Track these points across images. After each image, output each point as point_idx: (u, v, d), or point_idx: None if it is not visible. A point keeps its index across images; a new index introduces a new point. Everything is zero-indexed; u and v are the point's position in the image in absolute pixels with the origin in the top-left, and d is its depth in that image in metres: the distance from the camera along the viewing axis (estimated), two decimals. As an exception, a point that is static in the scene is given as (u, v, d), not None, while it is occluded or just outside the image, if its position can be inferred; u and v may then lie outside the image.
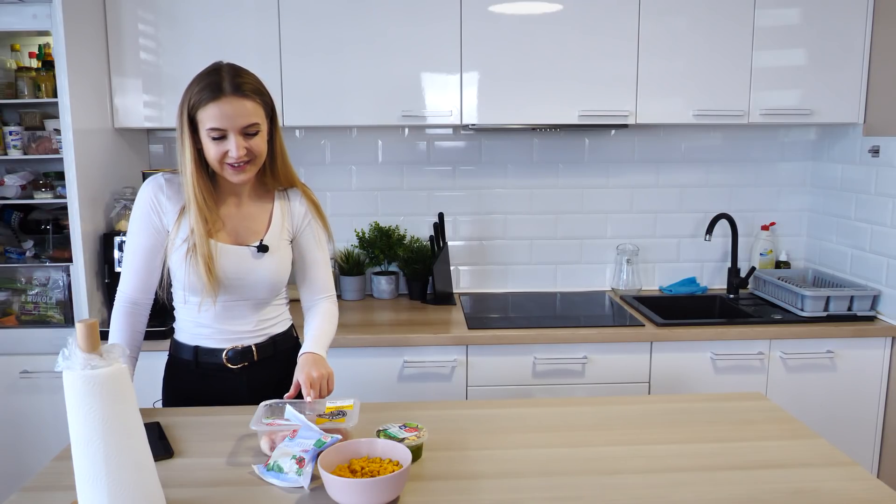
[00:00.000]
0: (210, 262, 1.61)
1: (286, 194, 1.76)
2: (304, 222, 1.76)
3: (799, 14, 2.64)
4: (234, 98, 1.54)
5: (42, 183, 2.52)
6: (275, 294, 1.77)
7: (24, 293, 2.55)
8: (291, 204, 1.75)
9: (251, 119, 1.57)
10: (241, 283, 1.68)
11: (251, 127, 1.57)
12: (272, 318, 1.79)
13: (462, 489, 1.35)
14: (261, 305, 1.75)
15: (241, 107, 1.55)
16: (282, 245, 1.73)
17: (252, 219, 1.71)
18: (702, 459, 1.46)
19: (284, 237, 1.74)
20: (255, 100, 1.58)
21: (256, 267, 1.69)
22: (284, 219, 1.74)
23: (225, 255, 1.65)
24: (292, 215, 1.75)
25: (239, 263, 1.67)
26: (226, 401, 1.76)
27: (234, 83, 1.56)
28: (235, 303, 1.71)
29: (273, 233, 1.72)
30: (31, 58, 2.62)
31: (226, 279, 1.66)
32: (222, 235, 1.67)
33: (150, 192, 1.67)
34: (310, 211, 1.77)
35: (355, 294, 2.95)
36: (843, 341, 2.54)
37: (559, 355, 2.48)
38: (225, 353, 1.73)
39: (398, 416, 1.66)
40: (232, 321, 1.72)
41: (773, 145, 3.05)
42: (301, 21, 2.56)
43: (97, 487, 1.13)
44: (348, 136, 2.98)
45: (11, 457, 2.52)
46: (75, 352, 1.14)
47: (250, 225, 1.71)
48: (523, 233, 3.06)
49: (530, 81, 2.62)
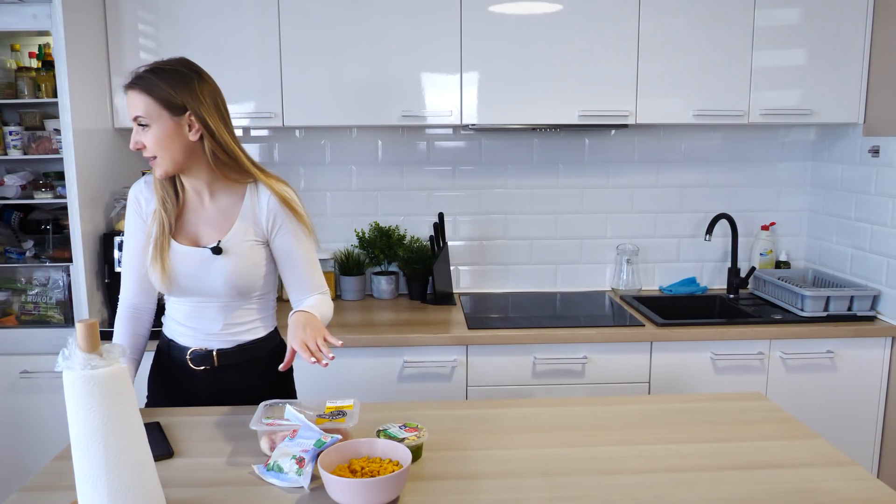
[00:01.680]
0: (164, 264, 1.63)
1: (256, 191, 1.69)
2: (275, 220, 1.68)
3: (799, 14, 2.64)
4: (128, 90, 1.57)
5: (42, 183, 2.52)
6: (241, 297, 1.71)
7: (24, 293, 2.55)
8: (259, 202, 1.68)
9: (136, 112, 1.56)
10: (198, 285, 1.67)
11: (138, 119, 1.57)
12: (242, 324, 1.74)
13: (462, 489, 1.35)
14: (229, 308, 1.71)
15: (130, 99, 1.57)
16: (243, 246, 1.67)
17: (218, 218, 1.68)
18: (702, 459, 1.46)
19: (250, 238, 1.68)
20: (144, 94, 1.55)
21: (211, 269, 1.65)
22: (250, 218, 1.68)
23: (180, 256, 1.65)
24: (258, 214, 1.68)
25: (193, 265, 1.65)
26: (189, 401, 1.77)
27: (134, 75, 1.57)
28: (202, 304, 1.70)
29: (235, 233, 1.67)
30: (31, 58, 2.62)
31: (181, 281, 1.66)
32: (182, 236, 1.67)
33: (133, 194, 1.72)
34: (281, 207, 1.68)
35: (355, 294, 2.95)
36: (843, 341, 2.54)
37: (559, 355, 2.48)
38: (189, 352, 1.73)
39: (398, 416, 1.66)
40: (201, 321, 1.72)
41: (773, 145, 3.05)
42: (301, 21, 2.56)
43: (97, 487, 1.13)
44: (348, 136, 2.98)
45: (11, 457, 2.52)
46: (75, 352, 1.14)
47: (215, 224, 1.68)
48: (523, 233, 3.06)
49: (530, 81, 2.62)
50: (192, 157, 1.61)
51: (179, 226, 1.68)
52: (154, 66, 1.59)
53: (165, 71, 1.57)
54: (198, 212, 1.69)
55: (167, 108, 1.56)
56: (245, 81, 2.59)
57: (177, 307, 1.74)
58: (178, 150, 1.59)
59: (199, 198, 1.69)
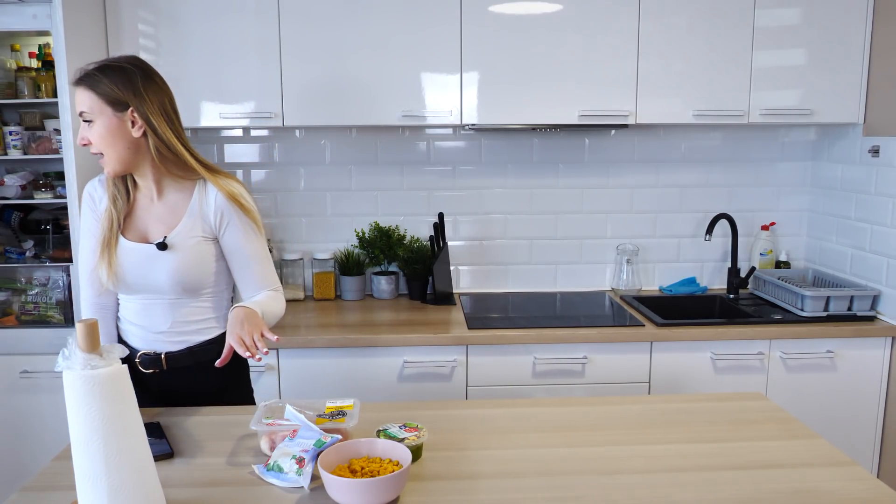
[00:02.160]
0: (110, 260, 1.64)
1: (205, 188, 1.69)
2: (223, 217, 1.68)
3: (799, 14, 2.64)
4: (75, 87, 1.60)
5: (42, 183, 2.52)
6: (190, 294, 1.70)
7: (24, 293, 2.55)
8: (206, 198, 1.68)
9: (81, 107, 1.60)
10: (144, 282, 1.67)
11: (83, 115, 1.60)
12: (192, 322, 1.73)
13: (462, 489, 1.35)
14: (177, 305, 1.70)
15: (76, 95, 1.60)
16: (190, 242, 1.67)
17: (166, 215, 1.69)
18: (702, 459, 1.46)
19: (197, 234, 1.68)
20: (88, 90, 1.58)
21: (157, 265, 1.65)
22: (197, 215, 1.68)
23: (126, 252, 1.66)
24: (206, 210, 1.68)
25: (139, 261, 1.66)
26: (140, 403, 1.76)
27: (82, 73, 1.60)
28: (151, 301, 1.70)
29: (181, 230, 1.67)
30: (31, 58, 2.62)
31: (128, 277, 1.66)
32: (131, 233, 1.68)
33: (87, 192, 1.74)
34: (228, 204, 1.68)
35: (355, 294, 2.95)
36: (843, 341, 2.54)
37: (559, 355, 2.48)
38: (138, 355, 1.73)
39: (398, 416, 1.66)
40: (149, 319, 1.71)
41: (773, 145, 3.05)
42: (301, 21, 2.56)
43: (97, 487, 1.13)
44: (348, 136, 2.98)
45: (11, 457, 2.52)
46: (75, 352, 1.14)
47: (163, 220, 1.68)
48: (523, 233, 3.06)
49: (530, 81, 2.62)
50: (137, 153, 1.63)
51: (130, 223, 1.69)
52: (101, 63, 1.61)
53: (111, 68, 1.60)
54: (147, 209, 1.70)
55: (110, 105, 1.58)
56: (245, 81, 2.59)
57: (127, 305, 1.74)
58: (123, 146, 1.61)
59: (148, 195, 1.70)
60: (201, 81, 2.58)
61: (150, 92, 1.61)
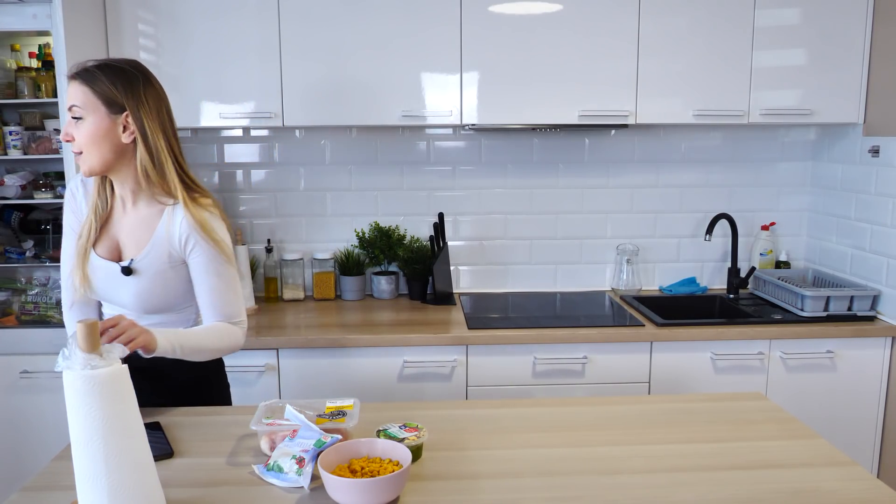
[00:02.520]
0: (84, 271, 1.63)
1: (173, 211, 1.62)
2: (187, 242, 1.62)
3: (799, 14, 2.64)
4: (70, 80, 1.55)
5: (42, 183, 2.52)
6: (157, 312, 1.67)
7: (24, 293, 2.55)
8: (173, 223, 1.61)
9: (73, 101, 1.54)
10: (111, 296, 1.66)
11: (73, 109, 1.54)
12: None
13: (462, 489, 1.35)
14: (144, 318, 1.67)
15: (70, 89, 1.55)
16: (154, 268, 1.62)
17: (137, 226, 1.64)
18: (702, 459, 1.46)
19: (163, 259, 1.62)
20: (85, 85, 1.53)
21: (121, 286, 1.63)
22: (164, 238, 1.62)
23: (95, 267, 1.64)
24: (171, 235, 1.61)
25: (105, 278, 1.64)
26: None
27: (80, 67, 1.55)
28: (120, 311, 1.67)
29: (147, 254, 1.62)
30: (31, 58, 2.62)
31: (97, 289, 1.66)
32: (102, 241, 1.66)
33: (69, 189, 1.71)
34: (194, 232, 1.60)
35: (355, 294, 2.95)
36: (843, 341, 2.54)
37: (559, 355, 2.48)
38: None
39: (398, 416, 1.66)
40: None
41: (773, 145, 3.05)
42: (301, 21, 2.56)
43: (97, 487, 1.13)
44: (348, 136, 2.98)
45: (11, 457, 2.52)
46: (75, 352, 1.14)
47: (133, 234, 1.64)
48: (523, 233, 3.06)
49: (530, 82, 2.62)
50: (120, 159, 1.58)
51: (104, 231, 1.66)
52: (102, 61, 1.57)
53: (112, 68, 1.55)
54: (121, 219, 1.66)
55: (105, 104, 1.54)
56: (245, 81, 2.59)
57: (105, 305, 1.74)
58: (108, 149, 1.55)
59: (122, 203, 1.66)
60: (201, 81, 2.58)
61: (149, 98, 1.57)
